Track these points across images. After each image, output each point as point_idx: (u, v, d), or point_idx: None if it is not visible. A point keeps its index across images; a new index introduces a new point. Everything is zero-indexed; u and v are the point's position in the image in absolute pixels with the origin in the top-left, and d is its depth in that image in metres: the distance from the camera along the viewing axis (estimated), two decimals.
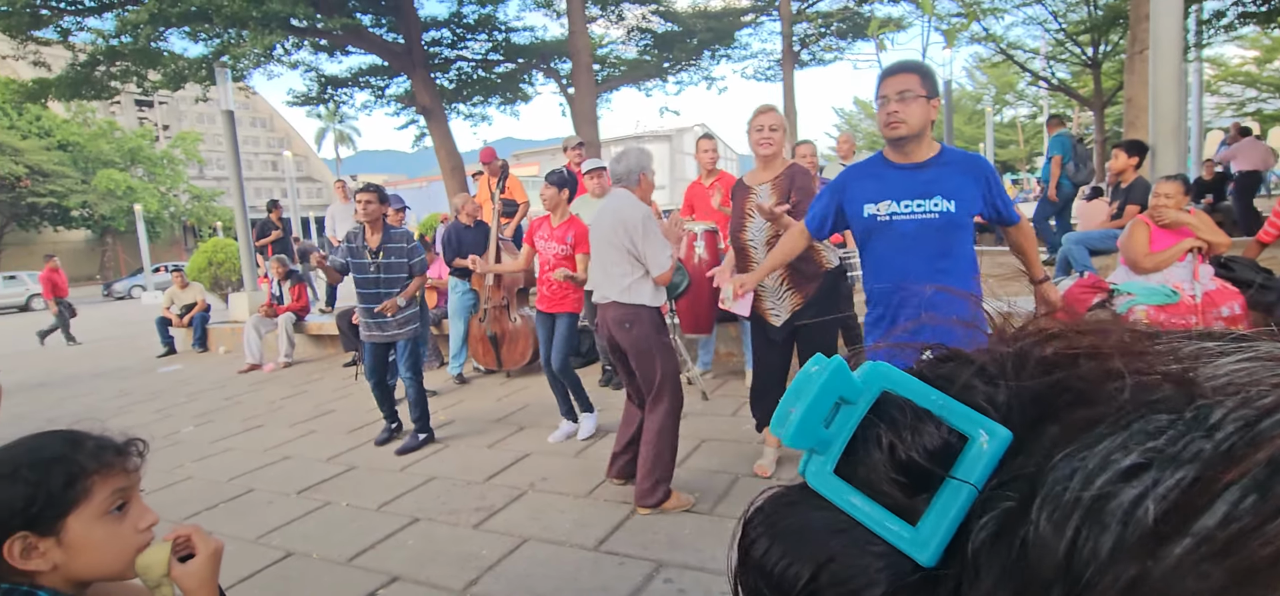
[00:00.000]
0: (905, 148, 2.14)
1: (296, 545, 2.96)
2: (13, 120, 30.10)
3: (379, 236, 4.16)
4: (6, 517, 0.90)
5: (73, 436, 0.98)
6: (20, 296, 23.87)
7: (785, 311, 2.99)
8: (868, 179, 2.22)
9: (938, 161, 2.12)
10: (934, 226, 2.08)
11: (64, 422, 3.77)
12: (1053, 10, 14.88)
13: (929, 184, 2.09)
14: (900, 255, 2.13)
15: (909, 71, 2.09)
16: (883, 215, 2.15)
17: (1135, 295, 3.93)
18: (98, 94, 11.03)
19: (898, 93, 2.06)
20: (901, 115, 2.06)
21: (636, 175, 3.11)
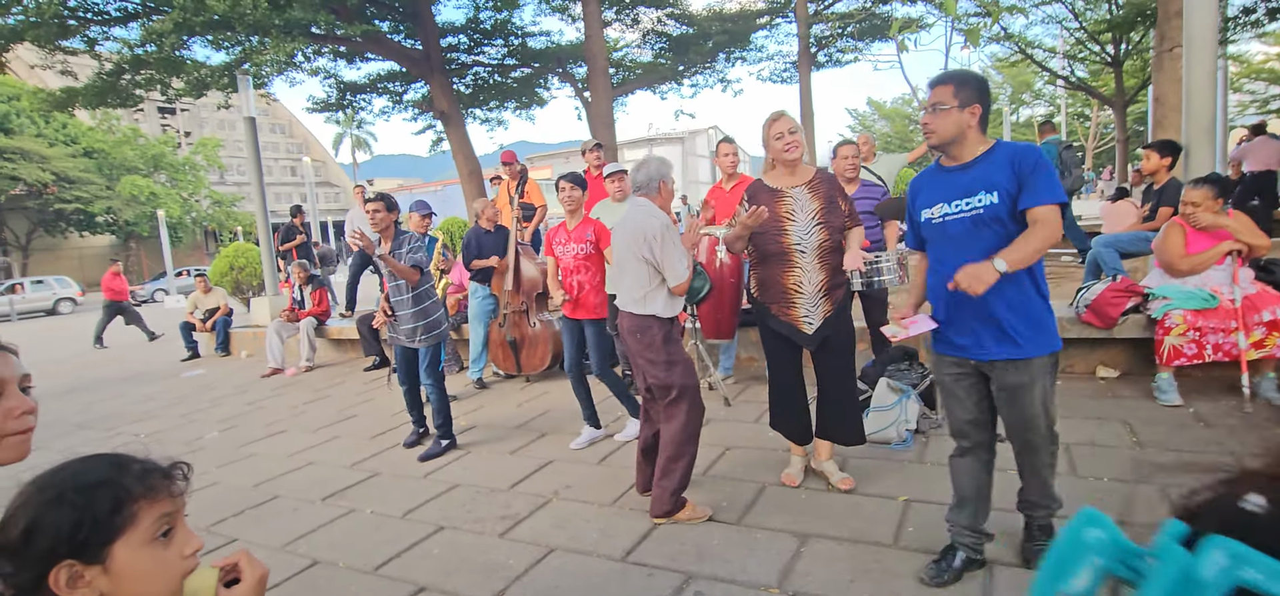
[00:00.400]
0: (950, 151, 2.22)
1: (322, 553, 2.95)
2: (40, 128, 30.73)
3: (390, 245, 4.18)
4: (52, 545, 0.87)
5: (118, 460, 0.95)
6: (48, 300, 24.30)
7: (818, 319, 2.97)
8: (925, 186, 2.33)
9: (985, 159, 2.18)
10: (981, 221, 2.15)
11: (92, 427, 3.86)
12: (1073, 8, 14.66)
13: (973, 182, 2.17)
14: (955, 253, 2.18)
15: (943, 84, 2.18)
16: (937, 217, 2.25)
17: (1172, 299, 3.84)
18: (123, 102, 11.21)
19: (932, 106, 2.17)
20: (932, 126, 2.18)
21: (656, 183, 3.11)
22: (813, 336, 2.98)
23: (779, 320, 3.02)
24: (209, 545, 3.13)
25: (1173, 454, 3.10)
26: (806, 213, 2.95)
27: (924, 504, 2.85)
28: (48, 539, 0.86)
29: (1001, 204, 2.11)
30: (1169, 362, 3.76)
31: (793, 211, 2.95)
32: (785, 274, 2.97)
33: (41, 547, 0.86)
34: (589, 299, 3.98)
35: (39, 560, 0.86)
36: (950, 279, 2.09)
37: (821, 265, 2.93)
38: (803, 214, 2.94)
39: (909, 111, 36.33)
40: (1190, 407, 3.65)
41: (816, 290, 2.94)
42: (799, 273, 2.94)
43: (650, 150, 34.33)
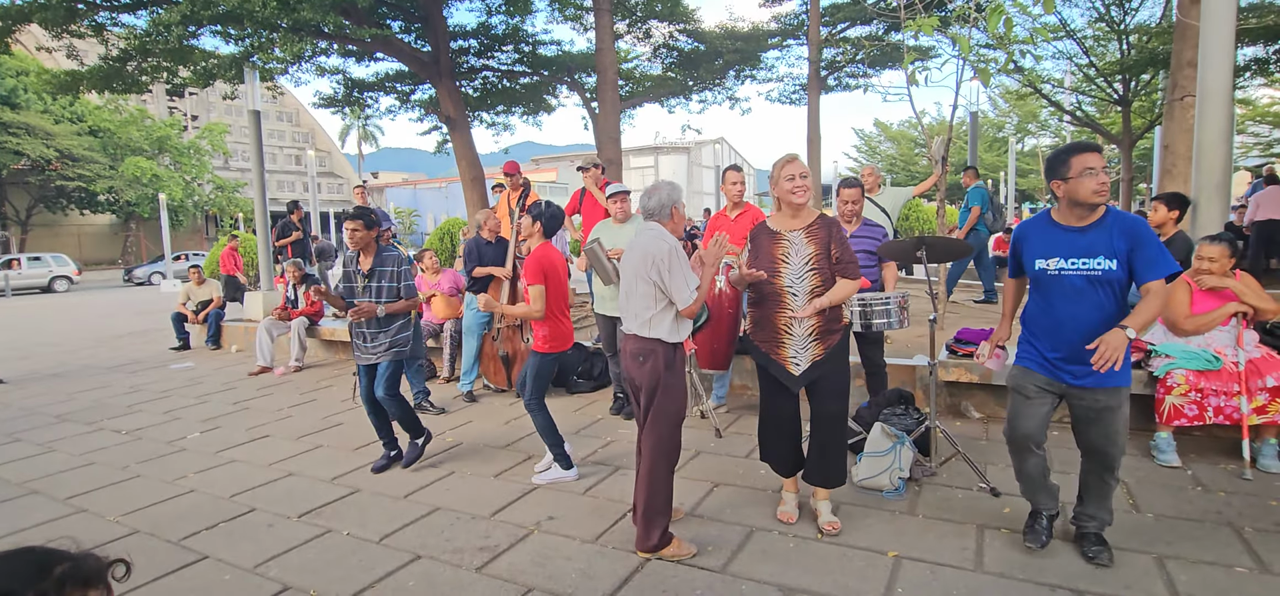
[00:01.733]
0: (1078, 212, 2.55)
1: (293, 578, 2.87)
2: (46, 104, 30.69)
3: (371, 260, 4.10)
4: None
5: (43, 562, 0.88)
6: (44, 277, 24.23)
7: (806, 361, 3.03)
8: (1038, 236, 2.65)
9: (1100, 225, 2.51)
10: (1096, 281, 2.50)
11: (73, 420, 3.78)
12: (1084, 46, 14.64)
13: (1093, 245, 2.50)
14: (1065, 302, 2.56)
15: (1097, 151, 2.52)
16: (1052, 269, 2.58)
17: (1175, 358, 3.77)
18: (128, 88, 11.15)
19: (1103, 167, 2.47)
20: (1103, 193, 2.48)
21: (668, 209, 3.07)
22: (799, 378, 3.04)
23: (769, 359, 3.09)
24: (180, 561, 3.05)
25: (1168, 521, 3.02)
26: (801, 257, 3.02)
27: (914, 562, 2.78)
28: None
29: (1118, 270, 2.47)
30: (1169, 422, 3.69)
31: (788, 254, 3.03)
32: (777, 314, 3.05)
33: None
34: (536, 333, 3.83)
35: None
36: (1059, 322, 2.57)
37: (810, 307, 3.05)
38: (797, 258, 3.02)
39: (915, 136, 36.38)
40: (1188, 470, 3.58)
41: (807, 333, 3.01)
42: (789, 315, 3.02)
43: (656, 160, 34.23)
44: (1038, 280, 2.65)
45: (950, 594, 2.54)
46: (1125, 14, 13.52)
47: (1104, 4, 13.49)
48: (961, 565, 2.73)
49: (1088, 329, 2.49)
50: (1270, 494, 3.26)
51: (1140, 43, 13.42)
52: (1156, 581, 2.56)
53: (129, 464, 4.54)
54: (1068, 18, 14.12)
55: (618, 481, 3.80)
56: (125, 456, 4.70)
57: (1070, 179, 2.52)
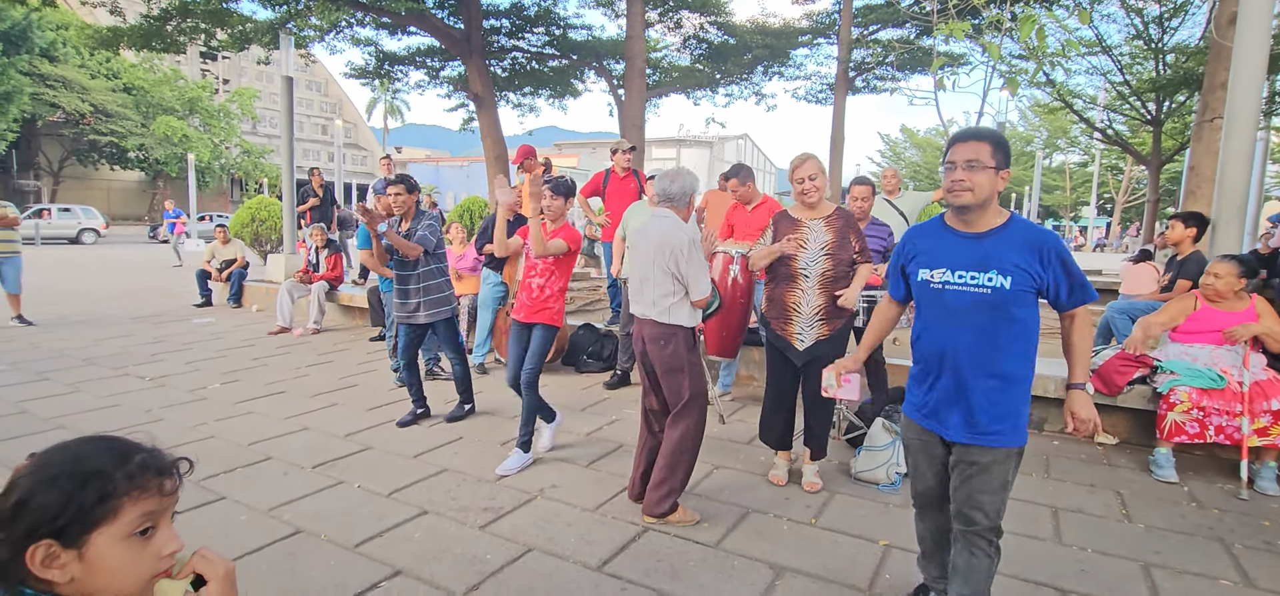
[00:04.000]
0: (967, 216, 2.03)
1: (306, 523, 3.00)
2: (84, 59, 31.28)
3: (410, 224, 4.31)
4: (35, 523, 0.90)
5: (121, 450, 0.97)
6: (72, 229, 24.77)
7: (810, 338, 3.31)
8: (927, 243, 2.14)
9: (1000, 233, 2.00)
10: (984, 302, 1.99)
11: (99, 364, 3.96)
12: (1119, 63, 14.45)
13: (986, 256, 1.99)
14: (947, 325, 2.05)
15: (981, 140, 1.98)
16: (935, 282, 2.07)
17: (1179, 375, 3.79)
18: (167, 47, 11.41)
19: (966, 161, 1.96)
20: (967, 184, 1.96)
21: (687, 197, 3.16)
22: (802, 353, 3.32)
23: (776, 334, 3.38)
24: (199, 500, 3.19)
25: (1159, 532, 3.06)
26: (818, 242, 3.31)
27: (904, 551, 2.85)
28: (32, 517, 0.90)
29: (1012, 291, 1.95)
30: (1169, 438, 3.72)
31: (805, 239, 3.32)
32: (788, 293, 3.34)
33: (25, 524, 0.90)
34: (544, 303, 3.79)
35: (22, 537, 0.90)
36: (935, 350, 2.05)
37: (822, 291, 3.29)
38: (814, 243, 3.31)
39: (941, 144, 36.01)
40: (1185, 486, 3.61)
41: (814, 312, 3.29)
42: (799, 293, 3.31)
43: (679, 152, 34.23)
44: (921, 295, 2.14)
45: None
46: (1164, 33, 13.31)
47: (1142, 22, 13.29)
48: None
49: (970, 360, 2.00)
50: (1264, 514, 3.28)
51: (1177, 62, 13.21)
52: (1140, 586, 2.61)
53: (153, 408, 4.71)
54: (1104, 33, 13.94)
55: (621, 458, 3.90)
56: (149, 400, 4.88)
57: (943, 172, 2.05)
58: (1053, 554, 2.85)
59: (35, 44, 28.84)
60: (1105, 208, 36.40)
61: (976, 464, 2.02)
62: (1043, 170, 30.96)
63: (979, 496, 2.02)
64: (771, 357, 3.48)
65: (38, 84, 29.20)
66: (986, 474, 2.01)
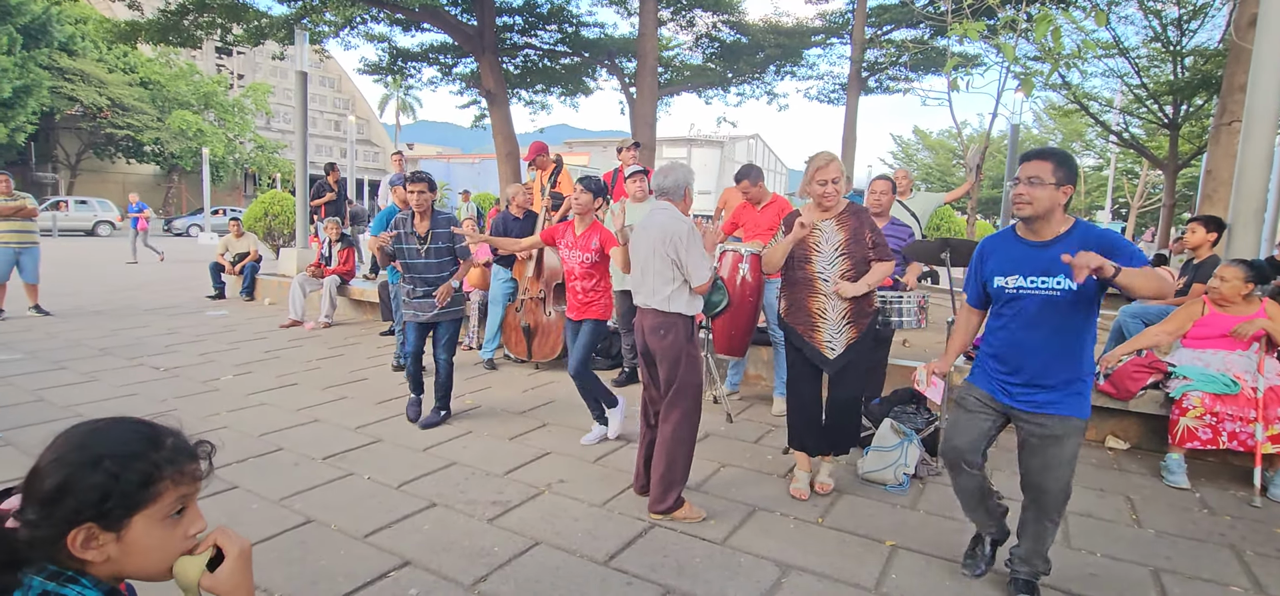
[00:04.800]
0: (1033, 226, 2.31)
1: (316, 512, 3.03)
2: (102, 53, 31.61)
3: (428, 223, 4.28)
4: (79, 507, 0.90)
5: (154, 434, 0.99)
6: (88, 221, 25.10)
7: (841, 345, 3.21)
8: (1000, 252, 2.42)
9: (1064, 239, 2.25)
10: (1053, 302, 2.26)
11: (115, 354, 4.02)
12: (1136, 65, 14.29)
13: (1052, 262, 2.23)
14: (1021, 326, 2.33)
15: (1044, 159, 2.24)
16: (1010, 287, 2.35)
17: (1192, 380, 3.75)
18: (183, 41, 11.53)
19: (1028, 177, 2.24)
20: (1027, 197, 2.24)
21: (682, 190, 3.22)
22: (834, 360, 3.21)
23: (805, 341, 3.26)
24: (212, 488, 3.21)
25: (1170, 537, 3.04)
26: (831, 244, 3.20)
27: (910, 552, 2.84)
28: (76, 501, 0.90)
29: (1079, 291, 2.20)
30: (1182, 443, 3.68)
31: (819, 242, 3.21)
32: (810, 299, 3.24)
33: (69, 508, 0.90)
34: (596, 303, 4.03)
35: (65, 519, 0.90)
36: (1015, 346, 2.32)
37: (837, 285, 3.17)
38: (827, 245, 3.20)
39: (954, 146, 35.75)
40: (1197, 492, 3.57)
41: (841, 317, 3.19)
42: (822, 299, 3.21)
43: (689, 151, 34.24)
44: (996, 299, 2.43)
45: (943, 584, 2.61)
46: (1183, 35, 13.15)
47: (1161, 24, 13.14)
48: (957, 559, 2.78)
49: (1046, 354, 2.28)
50: (1277, 521, 3.25)
51: (1196, 65, 13.06)
52: (1150, 591, 2.60)
53: (167, 397, 4.77)
54: (1122, 35, 13.79)
55: (628, 454, 3.91)
56: (163, 390, 4.95)
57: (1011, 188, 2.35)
58: (1062, 558, 2.83)
59: (54, 38, 29.18)
60: (1120, 212, 36.04)
61: (1050, 436, 2.30)
62: None
63: (1052, 468, 2.31)
64: (794, 362, 3.35)
65: (56, 78, 29.54)
66: (1059, 446, 2.29)
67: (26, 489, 0.93)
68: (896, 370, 4.79)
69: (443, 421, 4.37)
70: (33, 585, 0.90)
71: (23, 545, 0.91)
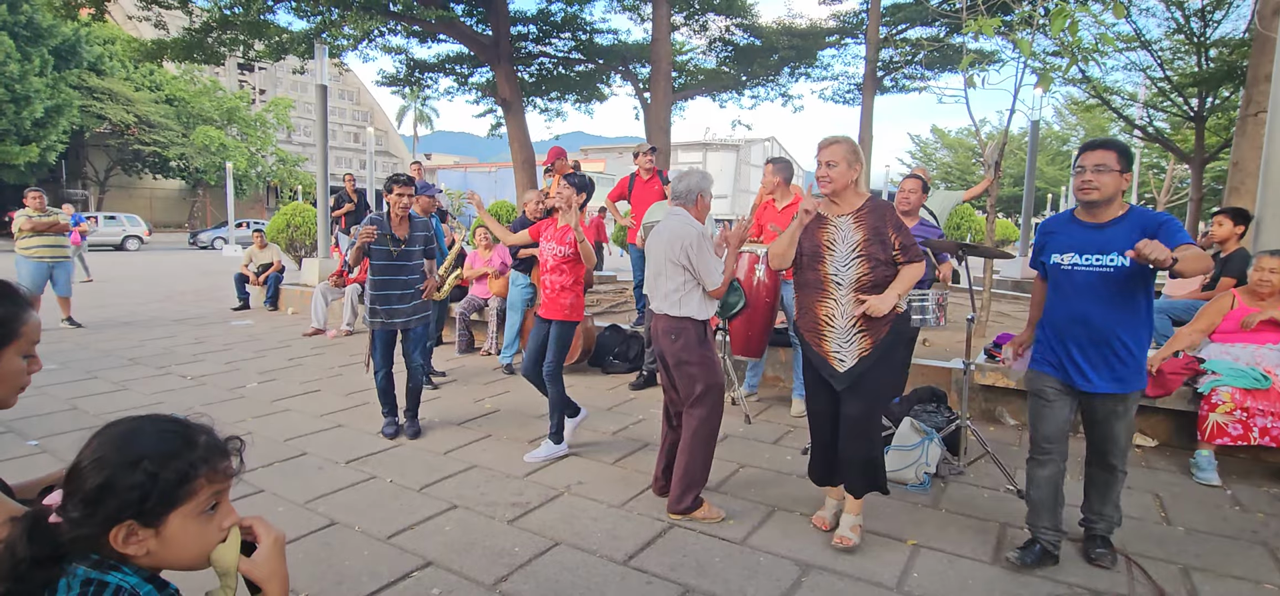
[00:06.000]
0: (1094, 210, 2.51)
1: (340, 515, 3.08)
2: (129, 72, 32.41)
3: (406, 228, 4.28)
4: (121, 506, 0.94)
5: (189, 432, 1.02)
6: (117, 236, 25.63)
7: (852, 357, 2.76)
8: (1059, 233, 2.64)
9: (1120, 222, 2.47)
10: (1108, 277, 2.46)
11: (144, 364, 4.10)
12: (1159, 57, 14.03)
13: (1108, 241, 2.45)
14: (1076, 298, 2.52)
15: (1108, 149, 2.45)
16: (1065, 264, 2.56)
17: (1221, 375, 3.68)
18: (207, 58, 11.78)
19: (1095, 165, 2.44)
20: (1095, 184, 2.45)
21: (694, 195, 3.22)
22: (843, 374, 2.78)
23: (813, 351, 2.87)
24: (239, 492, 3.28)
25: (1200, 535, 2.98)
26: (848, 243, 2.79)
27: (932, 551, 2.82)
28: (118, 501, 0.94)
29: (1132, 265, 2.38)
30: (1211, 440, 3.61)
31: (833, 241, 2.81)
32: (819, 304, 2.84)
33: (111, 507, 0.94)
34: (562, 299, 3.88)
35: (107, 517, 0.94)
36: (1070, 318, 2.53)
37: (858, 300, 2.74)
38: (843, 245, 2.79)
39: (973, 144, 35.36)
40: (1228, 490, 3.50)
41: (851, 324, 2.76)
42: (832, 304, 2.80)
43: (705, 155, 34.32)
44: (1053, 275, 2.63)
45: (965, 583, 2.58)
46: (1206, 26, 12.90)
47: (1183, 15, 12.90)
48: (979, 557, 2.75)
49: (1098, 326, 2.48)
50: None
51: (1220, 56, 12.80)
52: (1180, 589, 2.55)
53: (194, 405, 4.87)
54: (1143, 28, 13.55)
55: (647, 456, 3.92)
56: (191, 399, 5.05)
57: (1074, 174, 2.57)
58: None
59: (84, 58, 29.98)
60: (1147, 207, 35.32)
61: (1113, 410, 2.55)
62: None
63: (1116, 435, 2.59)
64: (808, 378, 2.99)
65: (86, 97, 30.34)
66: (1121, 418, 2.57)
67: (68, 487, 0.97)
68: (918, 370, 4.75)
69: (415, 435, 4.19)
70: (77, 573, 0.93)
71: (66, 540, 0.95)
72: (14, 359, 1.19)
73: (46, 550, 0.94)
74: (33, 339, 1.22)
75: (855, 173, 2.79)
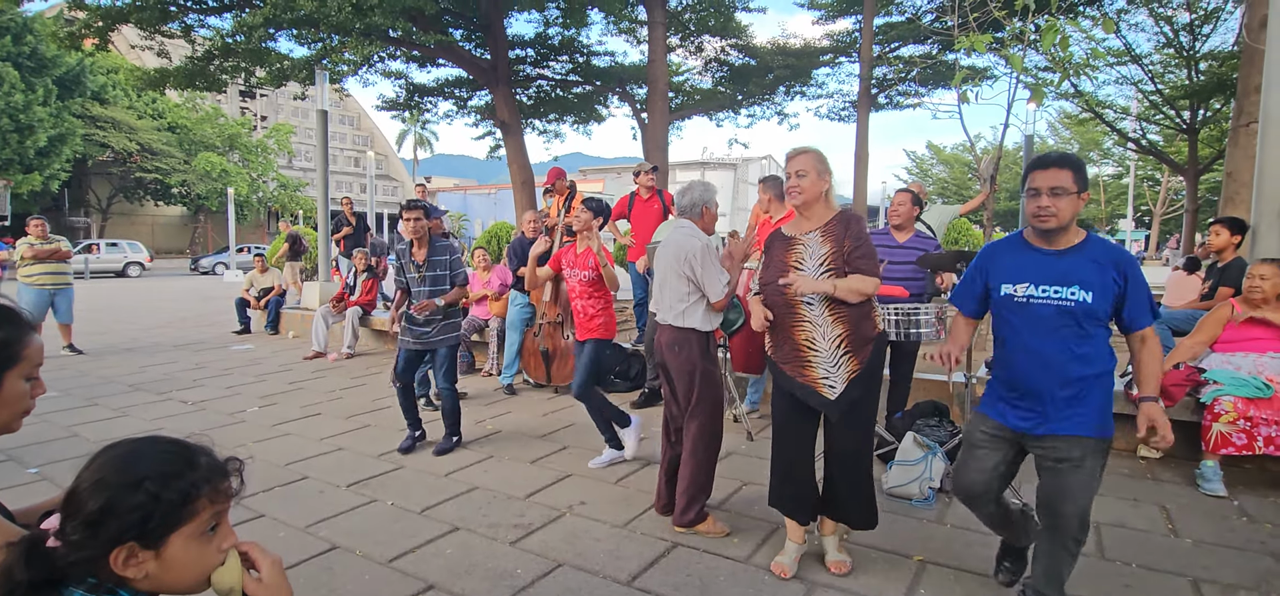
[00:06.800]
0: (1051, 237, 2.18)
1: (341, 539, 3.06)
2: (132, 101, 32.73)
3: (425, 251, 4.33)
4: (122, 528, 0.93)
5: (189, 453, 1.02)
6: (118, 262, 25.72)
7: (841, 381, 2.59)
8: (1009, 259, 2.27)
9: (1079, 250, 2.16)
10: (1068, 313, 2.12)
11: (145, 390, 4.11)
12: (1150, 71, 14.19)
13: (1068, 271, 2.13)
14: (1032, 335, 2.18)
15: (1063, 167, 2.13)
16: (1019, 295, 2.20)
17: (1223, 384, 3.67)
18: (209, 86, 11.90)
19: (1050, 188, 2.11)
20: (1053, 209, 2.11)
21: (700, 207, 3.26)
22: (837, 400, 2.59)
23: (795, 382, 2.65)
24: (239, 517, 3.28)
25: (1208, 546, 2.96)
26: (815, 260, 2.62)
27: (939, 567, 2.80)
28: (119, 523, 0.93)
29: (1097, 303, 2.09)
30: (1216, 450, 3.60)
31: (801, 260, 2.65)
32: (795, 329, 2.64)
33: (112, 529, 0.93)
34: (594, 321, 4.03)
35: (108, 540, 0.93)
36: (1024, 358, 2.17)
37: (836, 319, 2.58)
38: (811, 262, 2.62)
39: (969, 159, 35.56)
40: (1234, 500, 3.48)
41: (834, 346, 2.58)
42: (809, 327, 2.61)
43: (702, 174, 34.54)
44: (1003, 309, 2.26)
45: None
46: (1195, 39, 13.06)
47: (1172, 29, 13.06)
48: (986, 572, 2.73)
49: (1055, 368, 2.13)
50: None
51: (1211, 68, 12.94)
52: None
53: (194, 430, 4.81)
54: (1133, 43, 13.70)
55: (649, 474, 3.90)
56: (191, 424, 5.04)
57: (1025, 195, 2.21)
58: (1096, 569, 2.77)
59: (88, 87, 30.29)
60: (1143, 220, 35.49)
61: (1067, 459, 2.13)
62: None
63: (1069, 493, 2.14)
64: (780, 407, 2.76)
65: (89, 125, 30.60)
66: (1077, 469, 2.13)
67: (67, 509, 0.96)
68: (919, 383, 4.74)
69: (454, 447, 4.37)
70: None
71: (65, 564, 0.94)
72: (17, 382, 1.18)
73: (44, 573, 0.94)
74: (36, 362, 1.21)
75: (825, 183, 2.69)
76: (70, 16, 10.83)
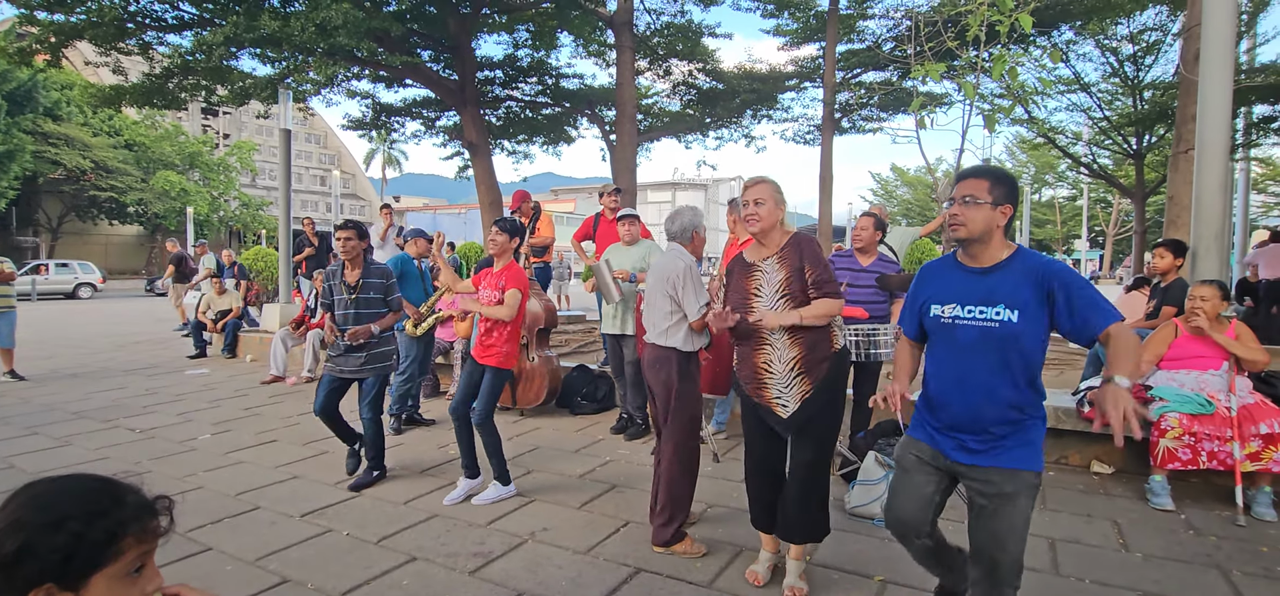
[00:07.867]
0: (971, 250, 2.10)
1: (293, 572, 2.96)
2: (87, 117, 31.79)
3: (358, 273, 4.21)
4: (41, 569, 0.88)
5: (116, 491, 0.98)
6: (69, 283, 24.82)
7: (794, 401, 2.66)
8: (939, 279, 2.20)
9: (1006, 267, 2.05)
10: (993, 335, 2.00)
11: (89, 417, 3.97)
12: (1098, 99, 14.80)
13: (993, 290, 2.03)
14: (957, 360, 2.08)
15: (979, 177, 2.06)
16: (946, 317, 2.10)
17: (1168, 401, 3.80)
18: (168, 104, 11.58)
19: (963, 197, 2.04)
20: (962, 218, 2.04)
21: (690, 233, 3.36)
22: (788, 420, 2.67)
23: (754, 401, 2.77)
24: (184, 551, 3.15)
25: (1157, 560, 3.03)
26: (772, 286, 2.71)
27: (900, 587, 2.81)
28: (38, 563, 0.88)
29: (1022, 324, 1.96)
30: (1163, 465, 3.71)
31: (760, 286, 2.74)
32: (756, 352, 2.73)
33: (31, 570, 0.88)
34: (497, 346, 3.83)
35: (25, 581, 0.88)
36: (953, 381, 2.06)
37: (792, 342, 2.65)
38: (768, 287, 2.72)
39: (929, 181, 36.56)
40: (1182, 514, 3.58)
41: (789, 368, 2.66)
42: (768, 350, 2.69)
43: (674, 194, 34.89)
44: (932, 332, 2.18)
45: None
46: (1139, 70, 13.67)
47: (1118, 60, 13.65)
48: None
49: (983, 391, 2.01)
50: (1261, 540, 3.26)
51: (1154, 97, 13.55)
52: None
53: (141, 460, 4.67)
54: (1082, 72, 14.29)
55: (613, 499, 3.87)
56: (137, 453, 4.85)
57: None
58: (1050, 585, 2.82)
59: (40, 103, 29.34)
60: (1097, 241, 36.79)
61: (997, 493, 2.00)
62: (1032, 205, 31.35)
63: (1001, 535, 2.00)
64: (750, 423, 2.87)
65: (40, 142, 29.60)
66: (1010, 505, 1.98)
67: None
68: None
69: (374, 482, 4.11)
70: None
71: None
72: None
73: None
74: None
75: (781, 211, 2.80)
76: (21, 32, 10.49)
